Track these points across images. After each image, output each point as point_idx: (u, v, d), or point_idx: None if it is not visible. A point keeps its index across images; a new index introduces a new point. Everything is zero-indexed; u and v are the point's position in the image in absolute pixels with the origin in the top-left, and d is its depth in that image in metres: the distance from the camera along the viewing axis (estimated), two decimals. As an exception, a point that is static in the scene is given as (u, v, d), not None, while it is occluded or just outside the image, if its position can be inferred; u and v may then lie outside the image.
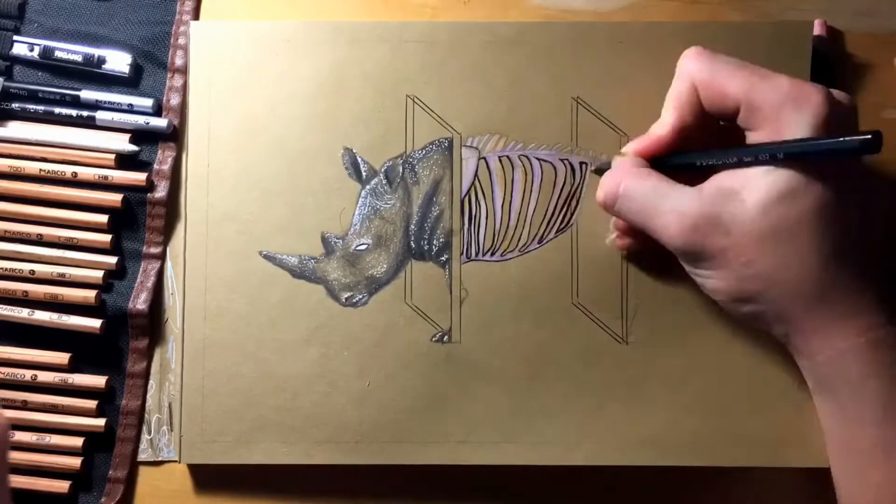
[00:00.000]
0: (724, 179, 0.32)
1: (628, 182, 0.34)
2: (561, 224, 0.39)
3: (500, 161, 0.39)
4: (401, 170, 0.39)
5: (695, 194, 0.32)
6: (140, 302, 0.40)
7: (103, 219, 0.40)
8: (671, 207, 0.32)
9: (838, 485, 0.34)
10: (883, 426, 0.31)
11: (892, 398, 0.31)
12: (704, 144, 0.34)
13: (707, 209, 0.31)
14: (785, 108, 0.30)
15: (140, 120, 0.40)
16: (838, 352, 0.31)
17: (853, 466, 0.33)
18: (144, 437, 0.40)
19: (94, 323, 0.39)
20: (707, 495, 0.40)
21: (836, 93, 0.32)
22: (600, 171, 0.38)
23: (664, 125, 0.34)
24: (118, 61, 0.41)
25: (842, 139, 0.29)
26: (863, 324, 0.31)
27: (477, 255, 0.39)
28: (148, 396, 0.40)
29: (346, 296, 0.39)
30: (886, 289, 0.32)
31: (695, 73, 0.33)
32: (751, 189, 0.31)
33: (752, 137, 0.32)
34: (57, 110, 0.41)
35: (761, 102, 0.31)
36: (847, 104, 0.32)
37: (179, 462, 0.39)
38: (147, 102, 0.41)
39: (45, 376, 0.39)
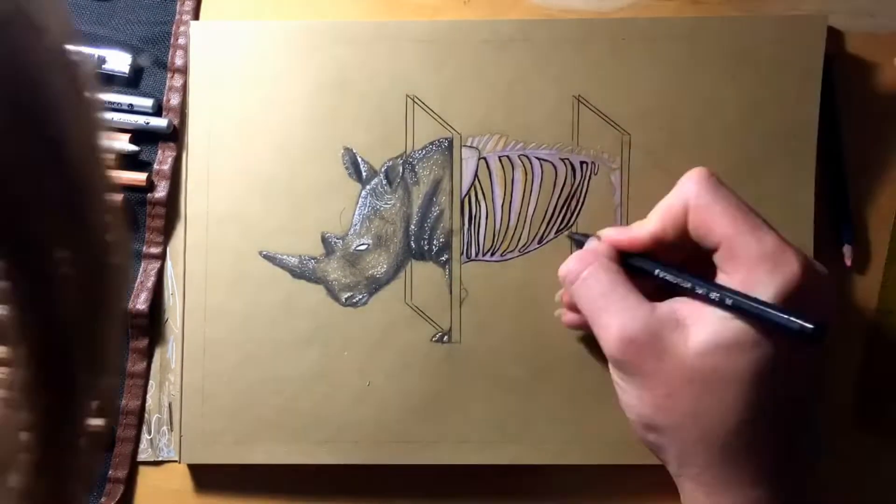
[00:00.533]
0: (680, 307, 0.32)
1: (594, 270, 0.33)
2: (561, 224, 0.39)
3: (501, 161, 0.39)
4: (401, 170, 0.39)
5: (647, 309, 0.32)
6: (140, 302, 0.40)
7: (103, 219, 0.40)
8: (621, 310, 0.32)
9: None
10: None
11: None
12: (678, 259, 0.34)
13: (652, 327, 0.31)
14: (761, 266, 0.30)
15: (140, 120, 0.40)
16: None
17: None
18: (144, 437, 0.40)
19: (94, 323, 0.39)
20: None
21: (816, 264, 0.31)
22: (573, 239, 0.38)
23: (645, 229, 0.34)
24: (118, 61, 0.41)
25: (788, 318, 0.29)
26: (751, 495, 0.30)
27: (477, 255, 0.39)
28: (148, 396, 0.40)
29: (346, 296, 0.39)
30: (787, 479, 0.31)
31: (691, 196, 0.32)
32: (699, 326, 0.30)
33: (721, 278, 0.32)
34: (57, 110, 0.40)
35: (741, 252, 0.30)
36: (823, 275, 0.31)
37: (179, 462, 0.39)
38: (147, 102, 0.41)
39: (45, 376, 0.39)
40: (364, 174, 0.39)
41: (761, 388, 0.30)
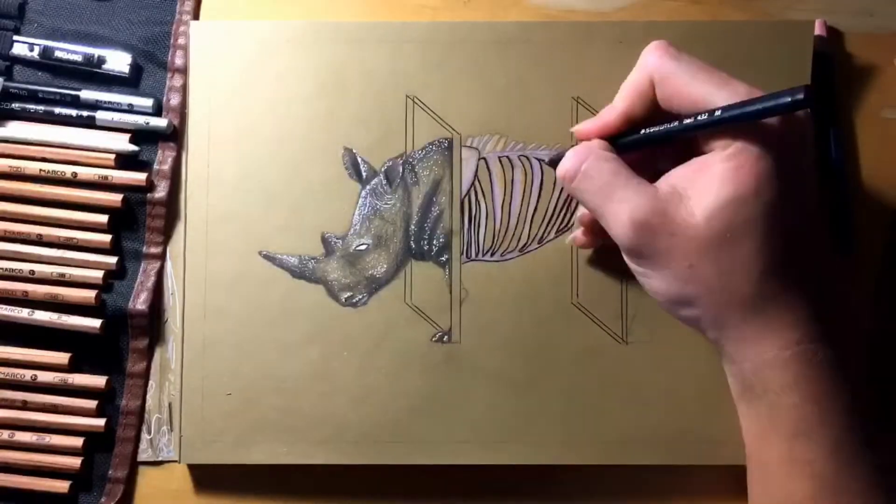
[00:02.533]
0: (677, 181, 0.32)
1: (592, 161, 0.33)
2: (561, 224, 0.39)
3: (500, 161, 0.39)
4: (401, 170, 0.39)
5: (651, 190, 0.32)
6: (140, 302, 0.40)
7: (103, 219, 0.40)
8: (627, 196, 0.32)
9: (749, 492, 0.34)
10: (792, 441, 0.31)
11: (806, 414, 0.31)
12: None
13: (659, 207, 0.31)
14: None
15: (140, 120, 0.40)
16: (764, 361, 0.31)
17: (760, 478, 0.33)
18: (144, 437, 0.40)
19: (94, 323, 0.39)
20: (708, 493, 0.40)
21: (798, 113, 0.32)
22: (554, 164, 0.38)
23: (613, 110, 0.34)
24: (118, 61, 0.41)
25: (775, 97, 0.29)
26: (792, 337, 0.31)
27: (477, 255, 0.39)
28: (148, 396, 0.40)
29: (346, 296, 0.39)
30: (821, 305, 0.31)
31: (653, 69, 0.32)
32: (698, 193, 0.31)
33: (703, 140, 0.32)
34: (57, 110, 0.41)
35: (717, 106, 0.31)
36: (804, 120, 0.32)
37: (179, 462, 0.39)
38: (147, 102, 0.41)
39: (45, 376, 0.39)
40: (364, 174, 0.39)
41: (774, 232, 0.30)
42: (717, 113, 0.30)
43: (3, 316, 0.39)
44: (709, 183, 0.31)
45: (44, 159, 0.40)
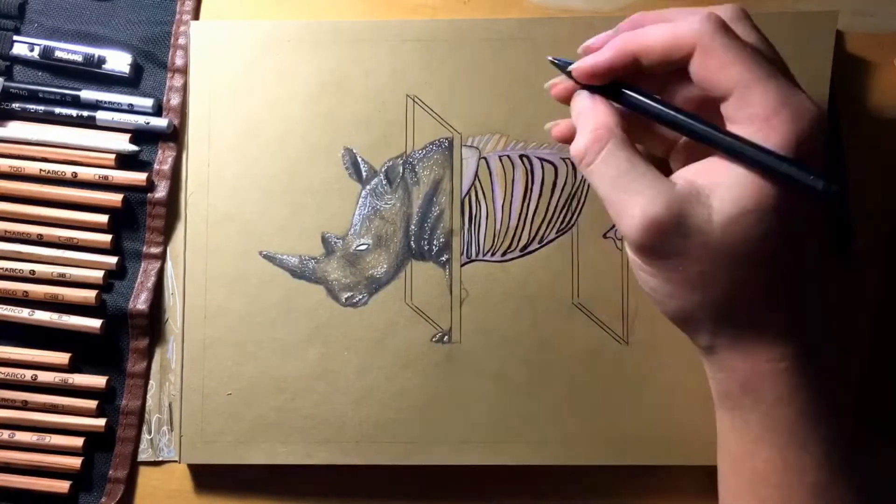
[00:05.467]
0: (696, 175, 0.30)
1: (611, 147, 0.31)
2: (562, 224, 0.39)
3: (501, 161, 0.39)
4: (401, 170, 0.39)
5: (667, 186, 0.30)
6: (140, 302, 0.40)
7: (103, 219, 0.40)
8: (640, 190, 0.30)
9: (725, 496, 0.34)
10: (785, 451, 0.31)
11: (798, 425, 0.31)
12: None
13: (674, 206, 0.30)
14: (780, 114, 0.29)
15: (140, 120, 0.40)
16: (758, 373, 0.31)
17: (745, 481, 0.33)
18: (144, 437, 0.40)
19: (95, 323, 0.39)
20: (707, 493, 0.39)
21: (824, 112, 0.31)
22: (563, 68, 0.34)
23: (633, 42, 0.31)
24: (118, 61, 0.41)
25: (809, 176, 0.28)
26: (788, 351, 0.31)
27: (477, 255, 0.39)
28: (148, 396, 0.40)
29: (346, 296, 0.39)
30: (815, 319, 0.31)
31: (705, 35, 0.30)
32: (719, 196, 0.30)
33: (732, 129, 0.30)
34: (57, 110, 0.41)
35: (756, 100, 0.29)
36: (827, 123, 0.31)
37: (179, 462, 0.39)
38: (147, 102, 0.41)
39: (45, 376, 0.39)
40: (364, 174, 0.39)
41: (789, 247, 0.30)
42: (748, 154, 0.29)
43: (3, 316, 0.39)
44: (731, 188, 0.29)
45: (44, 159, 0.40)
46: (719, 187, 0.30)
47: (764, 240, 0.29)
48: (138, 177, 0.40)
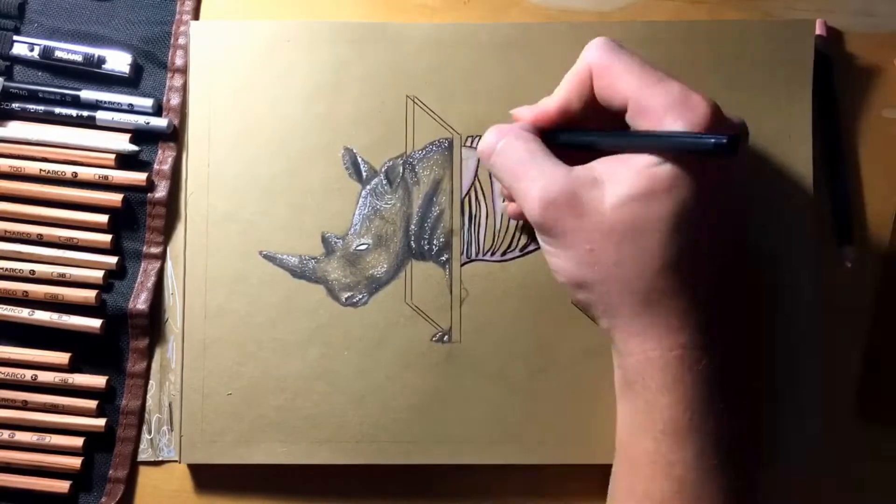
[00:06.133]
0: (596, 165, 0.32)
1: (509, 139, 0.34)
2: (561, 224, 0.39)
3: (501, 161, 0.39)
4: (401, 170, 0.39)
5: (564, 170, 0.32)
6: (140, 302, 0.40)
7: (103, 219, 0.40)
8: (538, 174, 0.32)
9: (612, 486, 0.34)
10: (660, 441, 0.31)
11: (677, 416, 0.31)
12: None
13: (569, 187, 0.31)
14: (669, 112, 0.30)
15: (140, 120, 0.40)
16: (648, 359, 0.31)
17: (626, 472, 0.33)
18: (144, 437, 0.40)
19: (95, 323, 0.39)
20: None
21: (731, 116, 0.32)
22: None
23: (552, 101, 0.34)
24: (118, 61, 0.41)
25: (697, 137, 0.29)
26: (679, 340, 0.31)
27: (477, 255, 0.39)
28: (148, 396, 0.40)
29: (346, 296, 0.39)
30: (714, 315, 0.32)
31: (594, 60, 0.33)
32: (614, 181, 0.31)
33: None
34: (57, 110, 0.41)
35: (649, 104, 0.31)
36: (736, 124, 0.32)
37: (179, 462, 0.39)
38: (147, 102, 0.41)
39: (45, 376, 0.39)
40: (364, 174, 0.39)
41: (680, 233, 0.30)
42: (643, 136, 0.31)
43: (3, 316, 0.39)
44: (626, 174, 0.31)
45: (44, 159, 0.40)
46: (616, 174, 0.31)
47: (653, 223, 0.30)
48: (138, 177, 0.40)
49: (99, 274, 0.40)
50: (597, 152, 0.33)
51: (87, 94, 0.41)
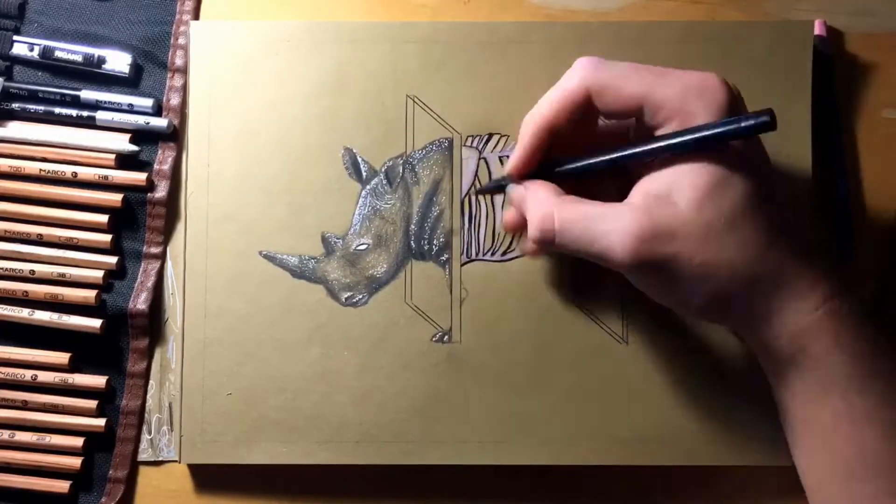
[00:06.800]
0: (648, 187, 0.32)
1: (562, 214, 0.33)
2: (561, 224, 0.39)
3: (501, 161, 0.39)
4: (401, 170, 0.39)
5: (627, 209, 0.31)
6: (140, 302, 0.40)
7: (103, 219, 0.40)
8: (609, 228, 0.31)
9: (803, 469, 0.34)
10: (847, 395, 0.31)
11: (855, 367, 0.31)
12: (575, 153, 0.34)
13: (646, 219, 0.31)
14: (688, 97, 0.31)
15: (140, 120, 0.40)
16: (799, 329, 0.31)
17: (817, 444, 0.33)
18: (144, 437, 0.40)
19: (95, 323, 0.39)
20: (707, 494, 0.40)
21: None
22: (483, 192, 0.39)
23: (537, 128, 0.34)
24: (118, 61, 0.41)
25: (743, 120, 0.30)
26: (817, 297, 0.31)
27: (477, 255, 0.39)
28: (148, 396, 0.40)
29: (346, 296, 0.39)
30: (819, 264, 0.32)
31: (589, 77, 0.32)
32: (679, 190, 0.31)
33: (662, 133, 0.32)
34: (57, 110, 0.41)
35: (665, 93, 0.31)
36: (736, 90, 0.32)
37: (179, 462, 0.39)
38: (147, 102, 0.41)
39: (45, 376, 0.39)
40: (364, 174, 0.39)
41: (761, 208, 0.31)
42: (691, 143, 0.30)
43: (3, 316, 0.39)
44: (682, 179, 0.31)
45: (44, 159, 0.40)
46: (674, 182, 0.31)
47: (735, 207, 0.30)
48: (138, 177, 0.40)
49: (99, 274, 0.40)
50: (593, 175, 0.33)
51: (87, 94, 0.41)
